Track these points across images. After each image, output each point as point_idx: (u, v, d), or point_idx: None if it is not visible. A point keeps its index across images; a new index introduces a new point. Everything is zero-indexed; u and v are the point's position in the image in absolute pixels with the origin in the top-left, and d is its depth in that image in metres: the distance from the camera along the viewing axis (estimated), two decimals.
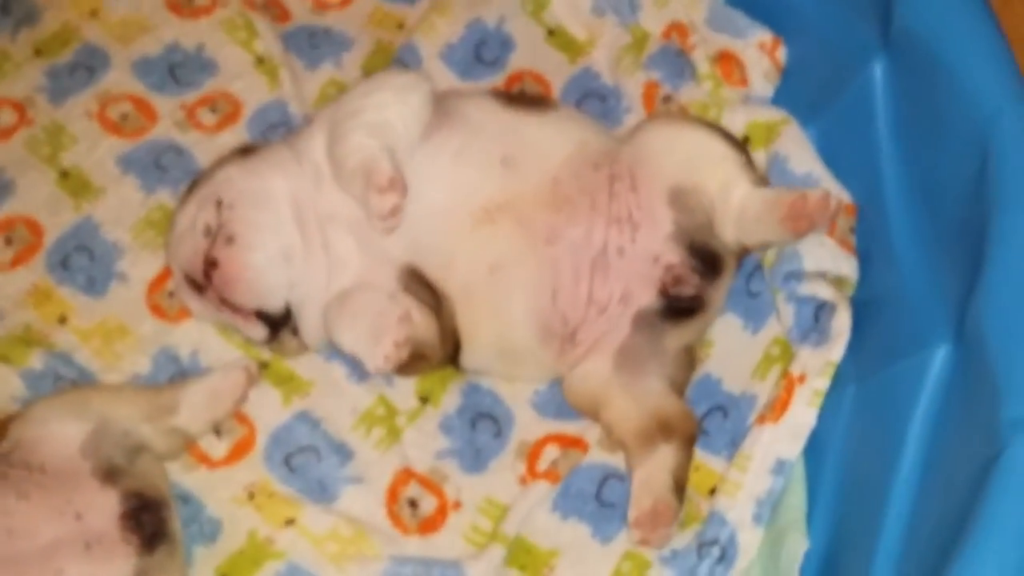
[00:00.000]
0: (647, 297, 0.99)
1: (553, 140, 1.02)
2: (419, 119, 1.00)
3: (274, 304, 1.00)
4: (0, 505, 0.87)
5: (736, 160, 1.02)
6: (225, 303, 0.99)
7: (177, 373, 1.05)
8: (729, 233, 1.00)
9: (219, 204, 0.99)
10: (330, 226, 1.00)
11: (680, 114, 1.13)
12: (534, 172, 1.00)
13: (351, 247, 1.00)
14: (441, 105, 1.03)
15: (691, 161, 1.01)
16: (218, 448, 1.02)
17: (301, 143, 1.04)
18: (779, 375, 1.01)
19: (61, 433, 0.93)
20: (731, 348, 1.06)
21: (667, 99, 1.17)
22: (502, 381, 1.06)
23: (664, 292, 0.99)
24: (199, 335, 1.07)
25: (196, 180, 1.06)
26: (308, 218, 1.00)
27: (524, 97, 1.13)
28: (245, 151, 1.06)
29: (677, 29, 1.20)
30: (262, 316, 1.00)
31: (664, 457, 0.95)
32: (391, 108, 0.99)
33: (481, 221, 0.99)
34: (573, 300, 0.99)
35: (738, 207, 0.98)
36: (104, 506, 0.90)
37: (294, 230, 1.00)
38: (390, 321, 0.96)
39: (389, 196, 0.95)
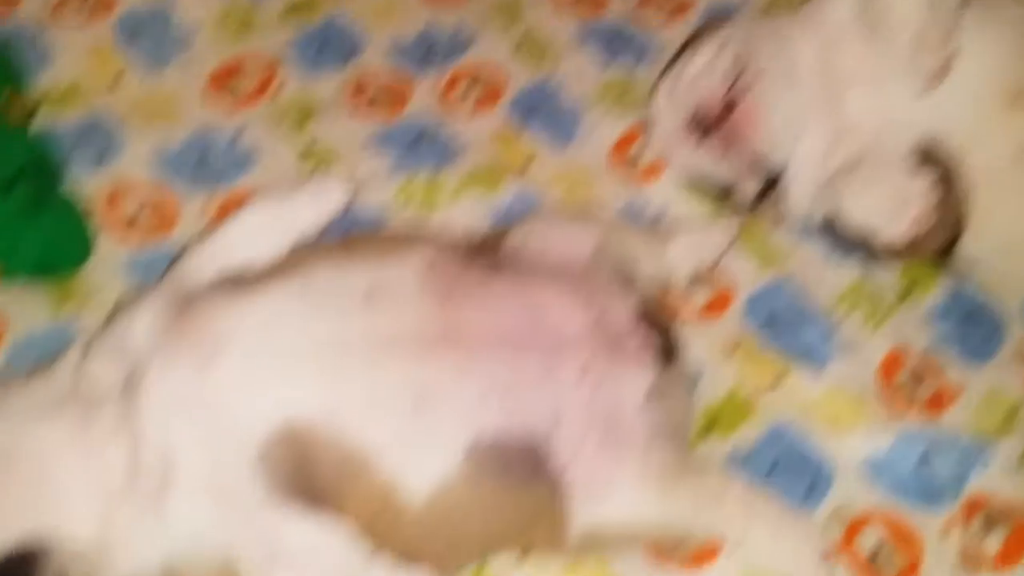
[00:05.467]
0: None
1: None
2: None
3: (777, 158, 0.90)
4: (528, 290, 0.77)
5: None
6: (729, 148, 0.90)
7: None
8: None
9: (737, 54, 0.90)
10: (848, 88, 0.90)
11: None
12: None
13: (865, 109, 0.90)
14: None
15: None
16: (696, 301, 0.91)
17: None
18: None
19: (572, 241, 0.83)
20: None
21: None
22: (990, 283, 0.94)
23: None
24: (666, 195, 0.97)
25: (698, 32, 0.98)
26: (823, 80, 0.91)
27: None
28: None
29: None
30: (758, 171, 0.91)
31: None
32: None
33: (1013, 105, 0.88)
34: None
35: None
36: (622, 311, 0.79)
37: (805, 88, 0.91)
38: (913, 193, 0.86)
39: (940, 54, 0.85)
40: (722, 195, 0.95)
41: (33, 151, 0.89)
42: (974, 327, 0.91)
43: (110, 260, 0.88)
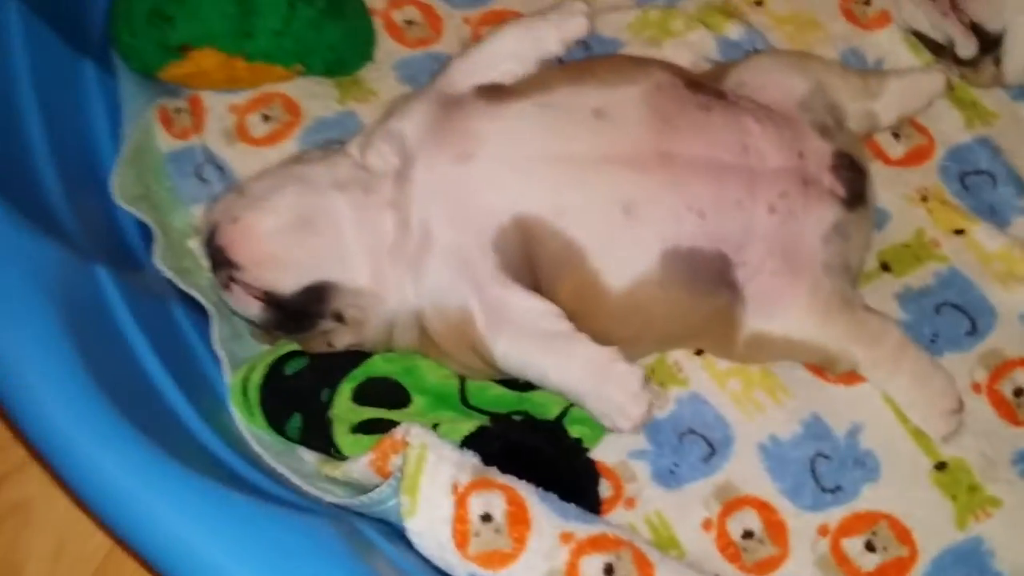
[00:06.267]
0: None
1: None
2: None
3: (994, 26, 0.94)
4: (740, 124, 0.87)
5: None
6: (950, 11, 0.95)
7: None
8: None
9: None
10: None
11: None
12: None
13: None
14: None
15: None
16: (896, 149, 0.98)
17: None
18: None
19: (785, 83, 0.91)
20: None
21: None
22: None
23: None
24: (888, 46, 1.03)
25: None
26: None
27: None
28: None
29: None
30: (976, 34, 0.95)
31: None
32: None
33: None
34: None
35: None
36: (820, 154, 0.88)
37: None
38: None
39: None
40: (941, 51, 1.00)
41: None
42: None
43: (386, 60, 1.04)
